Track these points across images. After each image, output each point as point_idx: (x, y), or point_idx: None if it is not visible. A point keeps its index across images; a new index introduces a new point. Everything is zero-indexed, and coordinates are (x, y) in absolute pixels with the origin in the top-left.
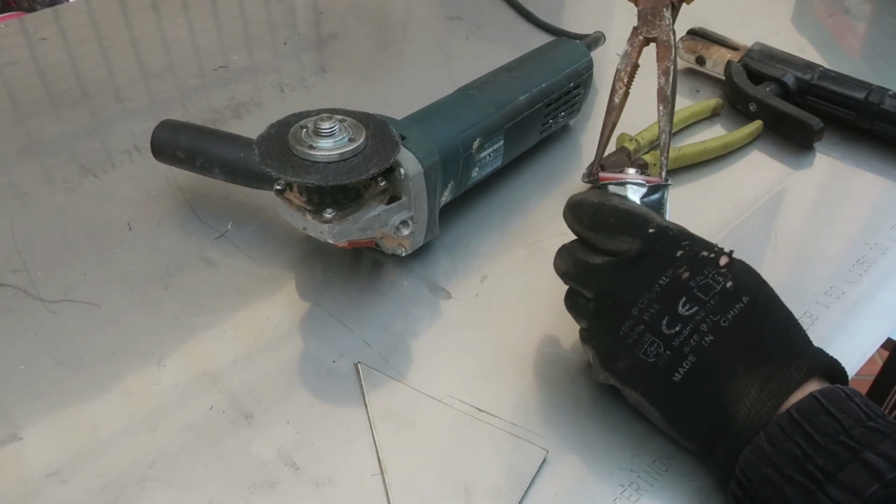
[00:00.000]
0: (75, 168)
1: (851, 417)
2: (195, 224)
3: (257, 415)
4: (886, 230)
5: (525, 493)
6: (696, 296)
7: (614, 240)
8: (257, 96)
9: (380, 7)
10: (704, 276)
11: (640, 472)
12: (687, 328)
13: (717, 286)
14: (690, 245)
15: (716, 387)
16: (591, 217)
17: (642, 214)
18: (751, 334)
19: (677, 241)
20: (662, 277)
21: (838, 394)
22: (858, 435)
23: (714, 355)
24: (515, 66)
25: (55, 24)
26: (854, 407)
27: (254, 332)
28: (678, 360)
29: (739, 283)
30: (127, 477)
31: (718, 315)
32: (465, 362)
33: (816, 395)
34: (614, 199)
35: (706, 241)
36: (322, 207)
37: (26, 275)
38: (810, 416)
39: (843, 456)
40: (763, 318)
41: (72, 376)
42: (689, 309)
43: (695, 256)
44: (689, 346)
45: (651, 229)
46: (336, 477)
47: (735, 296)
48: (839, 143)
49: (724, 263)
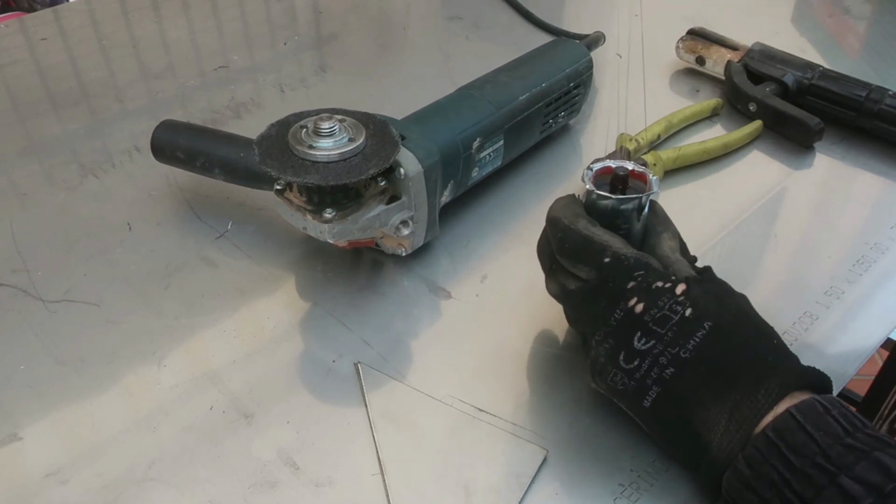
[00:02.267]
0: (75, 168)
1: (829, 434)
2: (195, 224)
3: (257, 415)
4: (886, 230)
5: (525, 493)
6: (652, 329)
7: (576, 268)
8: (257, 96)
9: (380, 7)
10: (659, 307)
11: (640, 472)
12: (645, 362)
13: (674, 316)
14: (644, 276)
15: (686, 415)
16: (558, 242)
17: (600, 242)
18: (715, 361)
19: (630, 271)
20: (616, 311)
21: (815, 408)
22: (835, 455)
23: (679, 386)
24: (515, 66)
25: (55, 25)
26: (831, 422)
27: (254, 332)
28: (643, 390)
29: (698, 309)
30: (127, 477)
31: (677, 347)
32: (465, 362)
33: (792, 411)
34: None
35: (665, 272)
36: (322, 207)
37: (26, 275)
38: (786, 436)
39: (820, 481)
40: (727, 343)
41: (72, 376)
42: (645, 343)
43: (648, 288)
44: (651, 379)
45: (606, 258)
46: (336, 477)
47: (695, 324)
48: (839, 143)
49: (681, 291)
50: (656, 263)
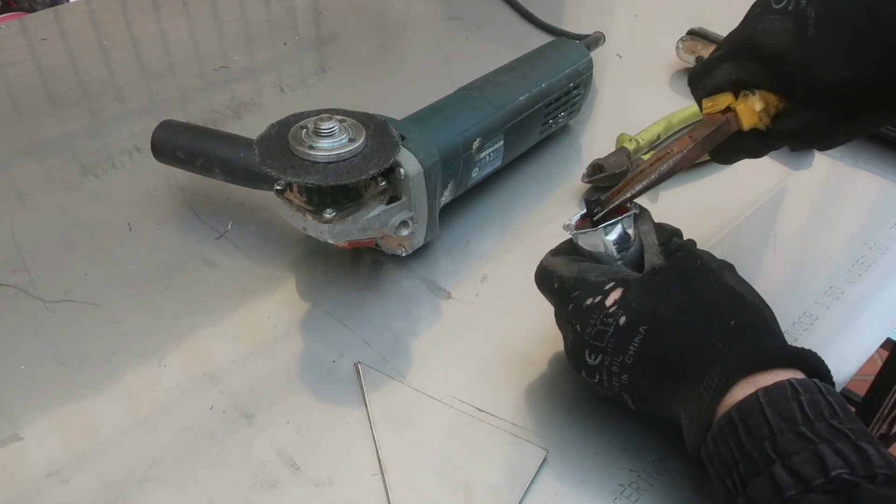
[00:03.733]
0: (75, 168)
1: (785, 420)
2: (195, 224)
3: (257, 415)
4: (886, 230)
5: (525, 493)
6: (595, 346)
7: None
8: (257, 96)
9: (380, 7)
10: (592, 324)
11: (639, 472)
12: (603, 374)
13: (609, 329)
14: (578, 295)
15: (658, 412)
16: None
17: (549, 270)
18: (660, 360)
19: (568, 294)
20: (568, 334)
21: (783, 391)
22: (783, 442)
23: (639, 389)
24: (515, 67)
25: (55, 25)
26: (793, 407)
27: (254, 332)
28: (619, 397)
29: (632, 316)
30: (127, 477)
31: (621, 355)
32: (465, 362)
33: (759, 392)
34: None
35: (598, 283)
36: (322, 207)
37: (26, 275)
38: (746, 417)
39: (760, 465)
40: (669, 341)
41: (72, 376)
42: (595, 359)
43: (580, 308)
44: (616, 388)
45: (555, 283)
46: (336, 477)
47: (631, 330)
48: None
49: (612, 302)
50: (595, 275)
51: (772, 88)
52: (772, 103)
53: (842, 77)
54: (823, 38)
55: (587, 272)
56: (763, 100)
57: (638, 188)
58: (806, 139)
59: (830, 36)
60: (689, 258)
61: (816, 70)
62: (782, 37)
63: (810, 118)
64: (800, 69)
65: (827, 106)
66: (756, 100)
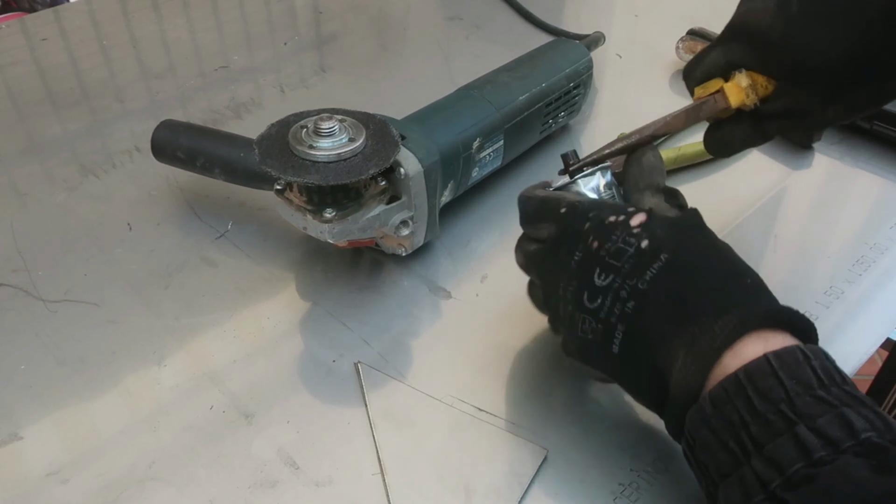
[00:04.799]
0: (76, 168)
1: (801, 384)
2: (195, 224)
3: (257, 415)
4: (886, 230)
5: (525, 492)
6: (609, 263)
7: (538, 229)
8: (257, 96)
9: (380, 7)
10: (613, 241)
11: (640, 472)
12: (607, 298)
13: (629, 248)
14: (597, 213)
15: (651, 352)
16: (520, 211)
17: (555, 198)
18: (674, 293)
19: (585, 213)
20: (576, 254)
21: (795, 355)
22: (801, 405)
23: (640, 321)
24: (515, 67)
25: (56, 25)
26: (808, 372)
27: (254, 332)
28: (610, 332)
29: (656, 241)
30: (127, 477)
31: (635, 278)
32: (465, 362)
33: (770, 355)
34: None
35: (620, 205)
36: (322, 207)
37: (27, 275)
38: (756, 380)
39: (779, 427)
40: (688, 274)
41: (72, 376)
42: (605, 279)
43: (601, 224)
44: (615, 316)
45: (563, 209)
46: (336, 476)
47: (651, 255)
48: (839, 143)
49: (638, 223)
50: (611, 202)
51: (759, 68)
52: (760, 84)
53: (826, 52)
54: (807, 13)
55: (601, 201)
56: (750, 78)
57: (617, 146)
58: (795, 118)
59: (814, 11)
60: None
61: (800, 45)
62: (767, 14)
63: (798, 96)
64: (784, 45)
65: (813, 82)
66: (742, 77)
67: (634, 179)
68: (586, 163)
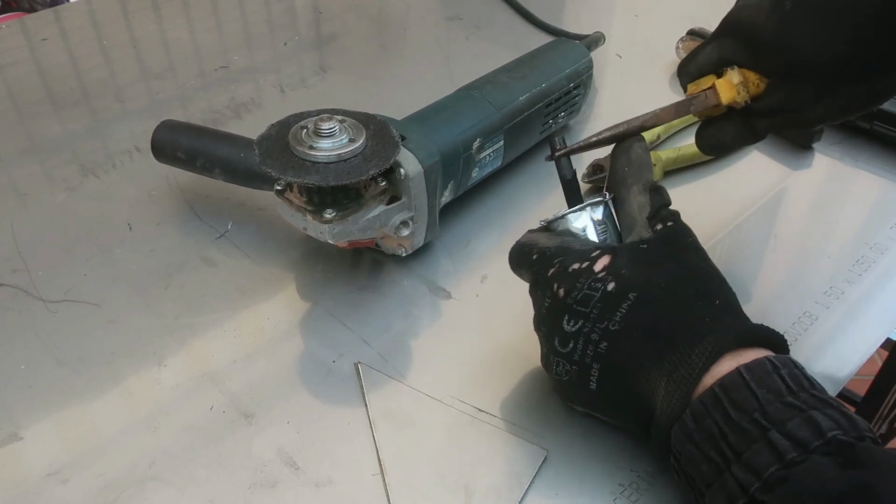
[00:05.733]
0: (76, 168)
1: (771, 392)
2: (195, 224)
3: (257, 415)
4: (886, 230)
5: (525, 493)
6: (576, 310)
7: (520, 274)
8: (257, 96)
9: (380, 7)
10: (578, 289)
11: (639, 472)
12: (579, 343)
13: (595, 294)
14: (562, 260)
15: (630, 384)
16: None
17: (529, 244)
18: (648, 327)
19: (550, 260)
20: (545, 300)
21: (764, 367)
22: (773, 412)
23: (616, 357)
24: (515, 67)
25: (56, 25)
26: (777, 381)
27: (254, 332)
28: (586, 371)
29: (622, 282)
30: (127, 477)
31: (605, 321)
32: (465, 362)
33: (742, 369)
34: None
35: (585, 250)
36: (322, 208)
37: (27, 275)
38: (731, 392)
39: (754, 434)
40: (658, 309)
41: (72, 376)
42: (574, 325)
43: (564, 272)
44: (589, 357)
45: (534, 255)
46: (336, 477)
47: (619, 296)
48: (839, 143)
49: (601, 268)
50: (578, 245)
51: (751, 65)
52: (752, 81)
53: (819, 50)
54: (801, 11)
55: (570, 243)
56: (742, 75)
57: (605, 135)
58: (786, 117)
59: (808, 10)
60: (681, 232)
61: (793, 43)
62: (760, 12)
63: (789, 94)
64: (777, 43)
65: (805, 80)
66: (734, 73)
67: (622, 174)
68: (573, 149)
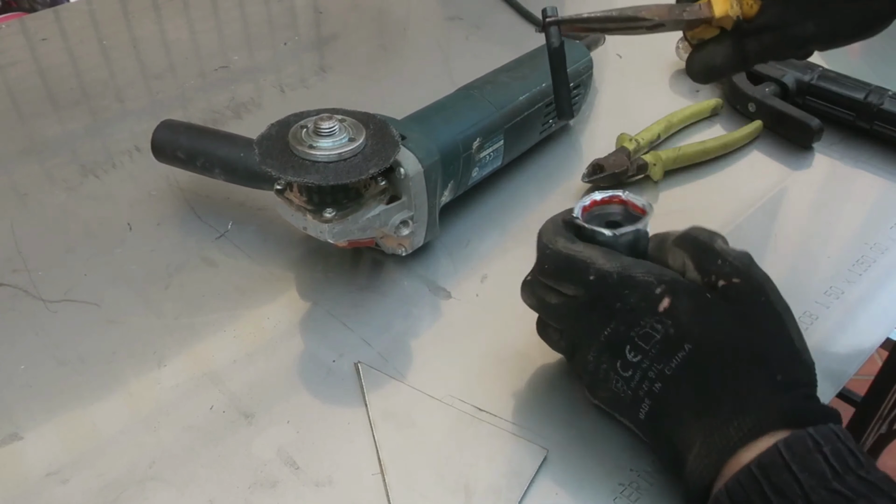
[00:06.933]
0: (76, 168)
1: (814, 476)
2: (195, 224)
3: (257, 415)
4: (886, 230)
5: (525, 492)
6: (638, 345)
7: (560, 285)
8: (257, 96)
9: (380, 7)
10: (642, 326)
11: (639, 472)
12: (637, 373)
13: (656, 335)
14: (627, 295)
15: (669, 430)
16: (541, 259)
17: (583, 260)
18: (697, 383)
19: (616, 292)
20: (607, 328)
21: (804, 444)
22: (817, 501)
23: (665, 401)
24: (515, 67)
25: (56, 25)
26: (819, 461)
27: (254, 332)
28: (638, 401)
29: (681, 329)
30: (127, 477)
31: (662, 363)
32: (465, 362)
33: (780, 445)
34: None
35: (647, 284)
36: (322, 207)
37: (27, 275)
38: (770, 474)
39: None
40: (709, 366)
41: (72, 376)
42: (635, 356)
43: (630, 310)
44: (643, 390)
45: (591, 276)
46: (336, 477)
47: (677, 343)
48: (839, 144)
49: (663, 309)
50: (641, 273)
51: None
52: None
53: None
54: None
55: (631, 269)
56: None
57: (596, 15)
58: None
59: None
60: (750, 293)
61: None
62: None
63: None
64: None
65: None
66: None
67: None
68: (565, 20)
